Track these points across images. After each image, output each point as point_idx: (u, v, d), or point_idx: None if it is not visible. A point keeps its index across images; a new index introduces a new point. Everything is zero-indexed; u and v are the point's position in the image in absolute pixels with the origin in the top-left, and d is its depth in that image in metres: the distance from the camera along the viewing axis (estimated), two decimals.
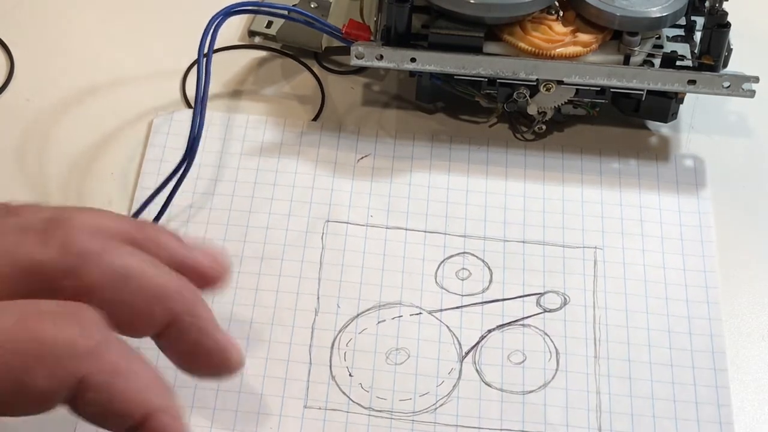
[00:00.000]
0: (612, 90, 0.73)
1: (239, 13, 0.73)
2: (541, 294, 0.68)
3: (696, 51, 0.72)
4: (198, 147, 0.69)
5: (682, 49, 0.73)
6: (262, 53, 0.81)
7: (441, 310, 0.67)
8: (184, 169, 0.68)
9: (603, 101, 0.75)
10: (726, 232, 0.72)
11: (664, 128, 0.77)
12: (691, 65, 0.72)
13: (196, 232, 0.70)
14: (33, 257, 0.46)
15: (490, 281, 0.68)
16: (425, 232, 0.71)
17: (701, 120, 0.78)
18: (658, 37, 0.73)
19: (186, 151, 0.69)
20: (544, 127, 0.76)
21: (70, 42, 0.82)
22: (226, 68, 0.79)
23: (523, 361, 0.65)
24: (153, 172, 0.72)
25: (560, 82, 0.72)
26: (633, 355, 0.65)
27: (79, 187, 0.72)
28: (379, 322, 0.66)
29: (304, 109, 0.77)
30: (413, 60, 0.71)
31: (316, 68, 0.80)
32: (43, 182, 0.72)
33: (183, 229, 0.70)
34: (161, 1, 0.85)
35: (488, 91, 0.74)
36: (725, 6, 0.71)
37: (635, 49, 0.71)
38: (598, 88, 0.73)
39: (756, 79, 0.71)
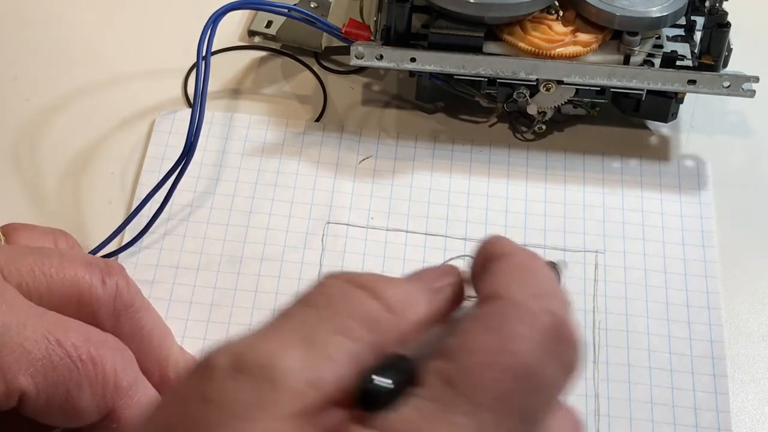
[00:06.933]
0: (612, 90, 0.73)
1: (239, 9, 0.73)
2: None
3: (696, 51, 0.72)
4: (197, 145, 0.69)
5: (682, 49, 0.73)
6: (263, 53, 0.81)
7: None
8: (182, 168, 0.68)
9: (603, 101, 0.75)
10: (725, 231, 0.72)
11: (664, 128, 0.77)
12: (691, 65, 0.72)
13: (195, 231, 0.70)
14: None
15: None
16: (426, 234, 0.71)
17: (701, 120, 0.78)
18: (658, 37, 0.73)
19: (184, 149, 0.69)
20: (544, 127, 0.76)
21: (70, 42, 0.82)
22: (226, 68, 0.79)
23: None
24: (154, 170, 0.72)
25: (560, 82, 0.72)
26: (632, 360, 0.65)
27: (80, 187, 0.72)
28: None
29: (304, 109, 0.77)
30: (413, 60, 0.71)
31: (315, 68, 0.80)
32: (44, 182, 0.72)
33: (182, 228, 0.70)
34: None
35: (488, 91, 0.74)
36: (725, 6, 0.71)
37: (635, 48, 0.71)
38: (598, 88, 0.73)
39: (756, 79, 0.71)
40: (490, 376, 0.34)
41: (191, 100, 0.77)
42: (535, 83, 0.72)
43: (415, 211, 0.72)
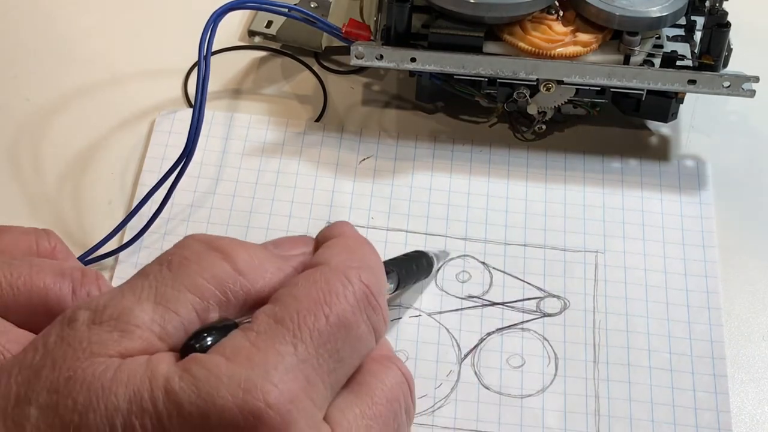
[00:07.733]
0: (612, 90, 0.73)
1: (239, 9, 0.73)
2: (541, 298, 0.68)
3: (696, 51, 0.72)
4: (197, 145, 0.69)
5: (682, 48, 0.73)
6: (263, 53, 0.81)
7: (440, 312, 0.67)
8: (182, 168, 0.69)
9: (603, 101, 0.75)
10: (725, 231, 0.72)
11: (664, 128, 0.77)
12: (691, 65, 0.72)
13: (196, 231, 0.69)
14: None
15: (490, 284, 0.68)
16: (426, 234, 0.71)
17: (701, 120, 0.78)
18: (658, 37, 0.73)
19: (185, 148, 0.69)
20: (544, 126, 0.76)
21: (70, 42, 0.82)
22: (227, 68, 0.79)
23: (521, 365, 0.65)
24: (154, 170, 0.72)
25: (560, 82, 0.72)
26: (633, 360, 0.65)
27: (80, 187, 0.72)
28: None
29: (304, 109, 0.77)
30: (413, 60, 0.71)
31: (316, 68, 0.80)
32: (44, 182, 0.72)
33: (182, 228, 0.70)
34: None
35: (488, 91, 0.74)
36: (725, 6, 0.70)
37: (635, 48, 0.71)
38: (598, 88, 0.73)
39: (756, 79, 0.71)
40: (311, 318, 0.40)
41: (191, 100, 0.77)
42: (535, 83, 0.73)
43: (415, 211, 0.72)
